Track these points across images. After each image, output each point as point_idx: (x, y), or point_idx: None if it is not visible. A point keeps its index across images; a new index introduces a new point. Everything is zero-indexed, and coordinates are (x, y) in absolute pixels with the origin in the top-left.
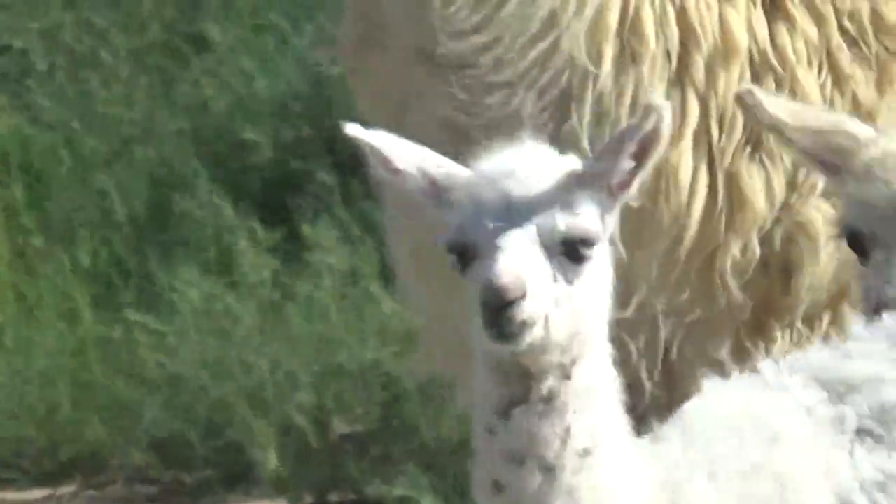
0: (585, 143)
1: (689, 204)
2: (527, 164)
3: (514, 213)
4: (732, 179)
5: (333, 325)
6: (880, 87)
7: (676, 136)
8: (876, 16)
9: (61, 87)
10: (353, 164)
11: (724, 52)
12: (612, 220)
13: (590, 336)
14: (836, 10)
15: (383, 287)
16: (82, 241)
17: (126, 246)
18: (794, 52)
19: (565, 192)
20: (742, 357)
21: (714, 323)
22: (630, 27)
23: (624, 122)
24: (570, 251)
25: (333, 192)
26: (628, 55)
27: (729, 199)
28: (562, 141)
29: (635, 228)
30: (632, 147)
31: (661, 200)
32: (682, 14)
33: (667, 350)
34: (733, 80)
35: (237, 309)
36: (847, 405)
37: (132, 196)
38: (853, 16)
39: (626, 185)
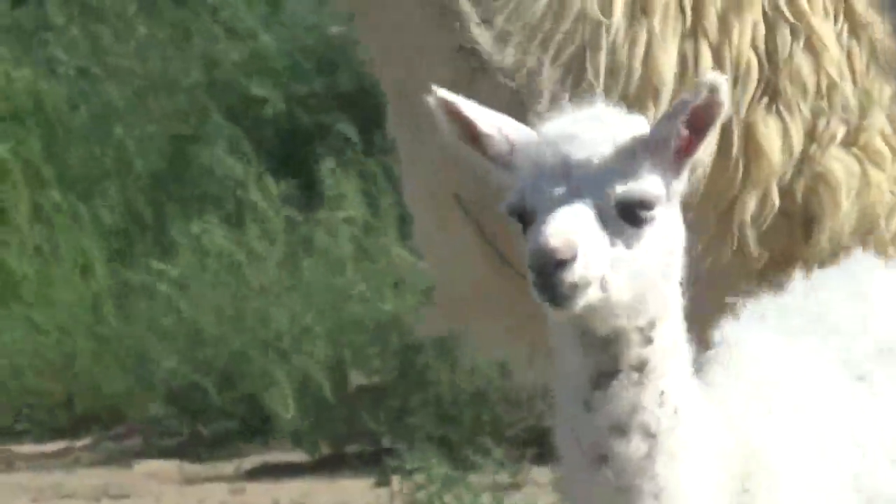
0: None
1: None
2: (590, 128)
3: (573, 176)
4: (749, 130)
5: (350, 278)
6: None
7: (689, 87)
8: None
9: (75, 40)
10: (373, 117)
11: (737, 3)
12: (680, 184)
13: (663, 297)
14: None
15: (400, 240)
16: (99, 194)
17: (143, 198)
18: (808, 1)
19: (626, 157)
20: None
21: (731, 271)
22: None
23: (637, 76)
24: (628, 214)
25: (352, 145)
26: (639, 7)
27: (745, 151)
28: (581, 97)
29: None
30: (683, 117)
31: None
32: None
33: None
34: (747, 31)
35: (254, 261)
36: None
37: (149, 148)
38: None
39: (689, 151)
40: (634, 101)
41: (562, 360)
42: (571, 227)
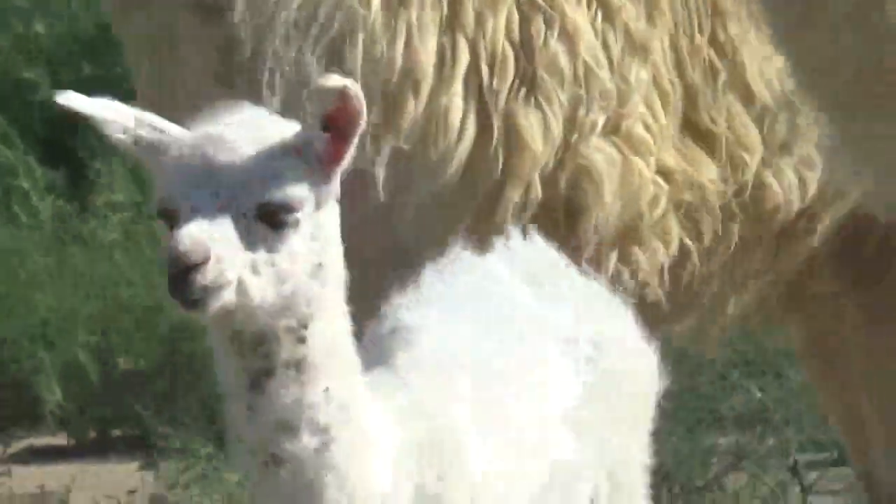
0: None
1: (457, 145)
2: (235, 131)
3: (214, 180)
4: (508, 122)
5: (118, 263)
6: (651, 19)
7: (447, 80)
8: None
9: None
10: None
11: None
12: (331, 189)
13: (313, 298)
14: None
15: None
16: None
17: None
18: None
19: (268, 160)
20: None
21: None
22: None
23: (397, 67)
24: (269, 218)
25: None
26: None
27: (506, 142)
28: None
29: (402, 170)
30: (316, 125)
31: (429, 143)
32: None
33: None
34: (501, 22)
35: (21, 247)
36: None
37: None
38: None
39: (336, 157)
40: (396, 93)
41: (220, 362)
42: (205, 231)
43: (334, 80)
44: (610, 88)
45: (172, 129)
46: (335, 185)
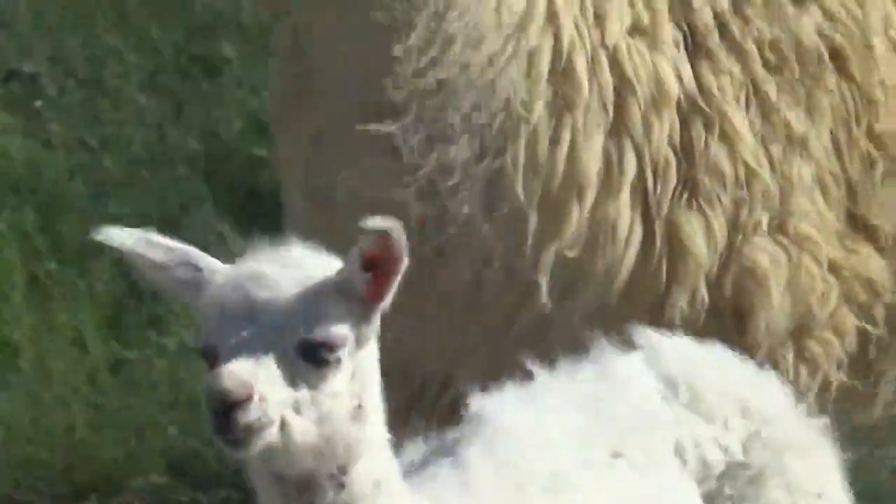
0: (519, 191)
1: (624, 254)
2: (276, 268)
3: (256, 318)
4: (671, 228)
5: None
6: (809, 113)
7: (615, 188)
8: (797, 43)
9: (71, 109)
10: None
11: (657, 100)
12: (371, 328)
13: (353, 442)
14: (757, 42)
15: None
16: (95, 265)
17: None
18: (720, 89)
19: (310, 299)
20: None
21: None
22: (563, 73)
23: (560, 172)
24: (311, 356)
25: None
26: (561, 101)
27: (669, 249)
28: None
29: (569, 279)
30: (356, 264)
31: (597, 252)
32: (614, 62)
33: None
34: (665, 127)
35: None
36: None
37: (143, 219)
38: (773, 45)
39: (376, 297)
40: (558, 199)
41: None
42: (247, 369)
43: (379, 223)
44: (772, 188)
45: (211, 265)
46: (376, 324)
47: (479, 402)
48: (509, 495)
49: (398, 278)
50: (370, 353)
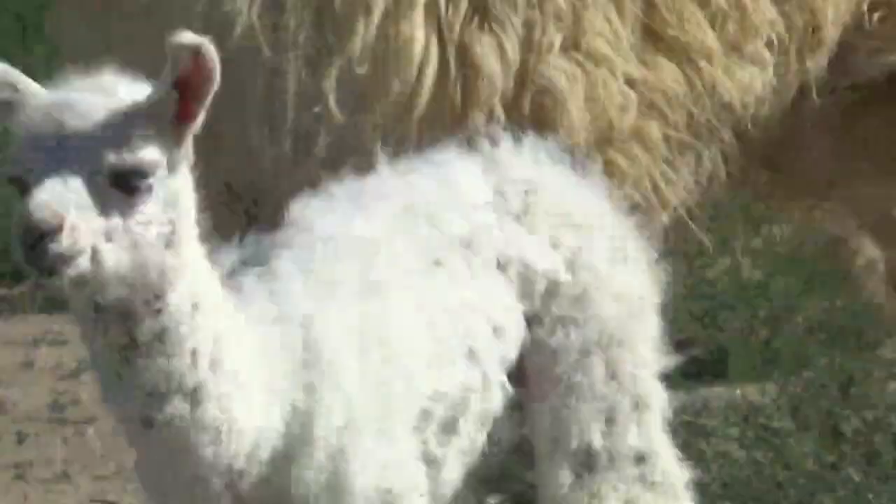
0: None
1: (420, 76)
2: (87, 96)
3: (65, 145)
4: (463, 52)
5: None
6: None
7: (406, 6)
8: None
9: None
10: None
11: None
12: (183, 152)
13: (167, 269)
14: None
15: None
16: None
17: None
18: None
19: (119, 124)
20: None
21: None
22: None
23: None
24: (122, 184)
25: None
26: None
27: (463, 71)
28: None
29: (361, 93)
30: (166, 85)
31: (389, 71)
32: None
33: None
34: None
35: None
36: None
37: None
38: None
39: (188, 118)
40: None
41: (85, 335)
42: (58, 198)
43: (188, 38)
44: (564, 7)
45: (30, 87)
46: (187, 148)
47: (301, 207)
48: (318, 303)
49: (210, 98)
50: (183, 178)
